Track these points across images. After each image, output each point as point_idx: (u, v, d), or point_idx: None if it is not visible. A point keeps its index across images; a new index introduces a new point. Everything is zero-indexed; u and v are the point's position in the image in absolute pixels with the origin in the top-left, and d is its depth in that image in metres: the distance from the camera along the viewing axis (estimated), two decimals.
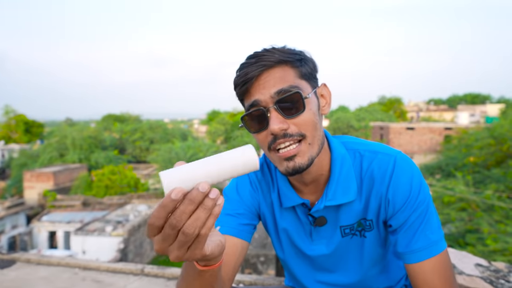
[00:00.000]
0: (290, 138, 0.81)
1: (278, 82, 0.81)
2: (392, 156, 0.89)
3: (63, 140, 27.11)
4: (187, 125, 64.41)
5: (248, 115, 0.84)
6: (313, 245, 0.97)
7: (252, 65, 0.82)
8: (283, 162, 0.83)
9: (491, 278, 1.37)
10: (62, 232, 16.24)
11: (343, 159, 0.91)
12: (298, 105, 0.81)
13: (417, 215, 0.85)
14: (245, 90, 0.84)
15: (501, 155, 14.23)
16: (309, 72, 0.87)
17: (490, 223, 10.40)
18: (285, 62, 0.83)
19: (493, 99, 59.08)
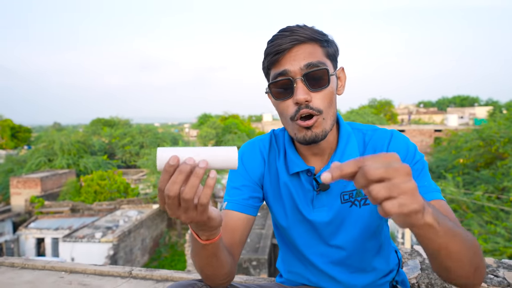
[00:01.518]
0: (311, 110, 0.89)
1: (308, 56, 0.89)
2: (390, 131, 1.01)
3: (50, 145, 26.68)
4: (177, 129, 64.12)
5: (275, 83, 0.92)
6: (314, 212, 1.01)
7: (286, 37, 0.89)
8: (303, 130, 0.91)
9: None
10: (50, 239, 15.94)
11: (349, 135, 1.01)
12: (323, 80, 0.90)
13: (415, 169, 0.92)
14: (276, 60, 0.91)
15: (490, 156, 14.46)
16: (333, 54, 0.95)
17: (480, 224, 10.52)
18: (315, 40, 0.91)
19: (482, 101, 60.18)
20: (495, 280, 1.33)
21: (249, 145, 1.11)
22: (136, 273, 1.83)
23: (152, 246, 18.03)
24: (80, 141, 27.74)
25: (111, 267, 1.89)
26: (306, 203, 1.02)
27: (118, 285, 1.75)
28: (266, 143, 1.09)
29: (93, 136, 32.70)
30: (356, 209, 0.99)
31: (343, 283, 1.06)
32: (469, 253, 0.71)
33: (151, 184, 19.54)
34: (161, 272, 1.83)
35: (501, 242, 9.31)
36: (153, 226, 18.30)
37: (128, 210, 18.50)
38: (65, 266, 1.93)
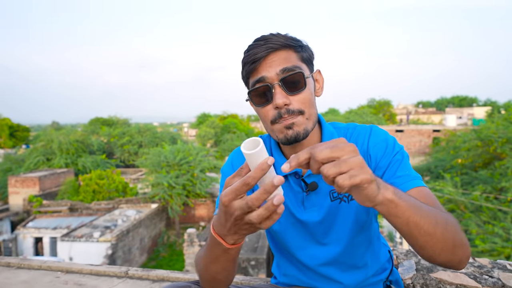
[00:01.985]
0: (291, 114, 0.93)
1: (283, 62, 0.93)
2: (369, 126, 1.05)
3: (49, 144, 26.60)
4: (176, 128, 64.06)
5: (254, 90, 0.95)
6: (305, 213, 1.03)
7: (260, 46, 0.93)
8: (284, 130, 0.94)
9: (475, 274, 1.38)
10: (48, 238, 15.90)
11: (332, 134, 1.05)
12: (300, 84, 0.94)
13: (396, 159, 0.96)
14: (253, 69, 0.94)
15: (488, 157, 14.47)
16: (308, 58, 0.99)
17: (478, 224, 10.53)
18: (289, 46, 0.95)
19: (480, 102, 60.25)
20: (490, 280, 1.33)
21: (239, 151, 1.13)
22: (133, 273, 1.83)
23: (151, 245, 18.01)
24: (79, 140, 27.67)
25: (107, 267, 1.89)
26: (297, 204, 1.04)
27: (114, 285, 1.75)
28: None
29: (92, 136, 32.65)
30: (345, 205, 1.01)
31: (337, 281, 1.07)
32: (441, 228, 0.74)
33: (149, 183, 19.51)
34: (157, 272, 1.83)
35: (499, 242, 9.32)
36: (152, 225, 18.28)
37: (126, 210, 18.47)
38: (61, 266, 1.93)
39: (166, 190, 18.25)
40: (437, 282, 1.34)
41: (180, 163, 19.47)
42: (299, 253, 1.08)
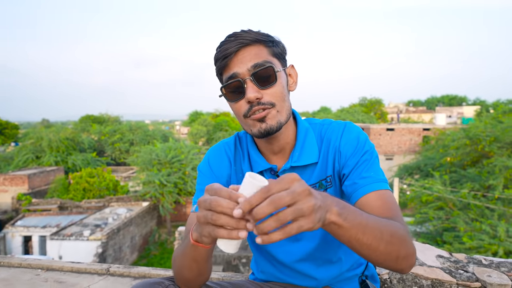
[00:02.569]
0: (262, 105, 0.94)
1: (254, 58, 0.94)
2: (343, 123, 1.06)
3: (39, 142, 26.28)
4: (168, 126, 63.75)
5: (227, 86, 0.96)
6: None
7: (231, 42, 0.94)
8: (257, 123, 0.95)
9: (451, 269, 1.40)
10: (38, 237, 15.73)
11: (307, 130, 1.06)
12: (271, 78, 0.94)
13: (363, 159, 0.98)
14: (225, 64, 0.95)
15: (476, 155, 14.64)
16: (279, 53, 0.99)
17: (466, 221, 10.68)
18: (260, 41, 0.96)
19: (469, 101, 61.00)
20: (464, 275, 1.36)
21: (216, 149, 1.14)
22: (114, 270, 1.82)
23: (142, 244, 17.93)
24: (69, 138, 27.38)
25: (88, 264, 1.88)
26: None
27: (95, 282, 1.74)
28: (231, 145, 1.13)
29: (82, 133, 32.33)
30: None
31: (312, 277, 1.08)
32: (384, 243, 0.77)
33: (140, 181, 19.40)
34: (139, 269, 1.83)
35: (486, 239, 9.45)
36: (143, 223, 18.19)
37: (117, 208, 18.35)
38: (42, 264, 1.91)
39: (158, 188, 18.17)
40: (413, 277, 1.36)
41: (172, 161, 19.38)
42: (275, 251, 1.09)
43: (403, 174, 17.53)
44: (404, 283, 1.37)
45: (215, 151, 1.13)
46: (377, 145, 27.35)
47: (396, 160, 24.78)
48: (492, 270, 1.39)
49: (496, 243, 9.29)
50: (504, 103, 30.90)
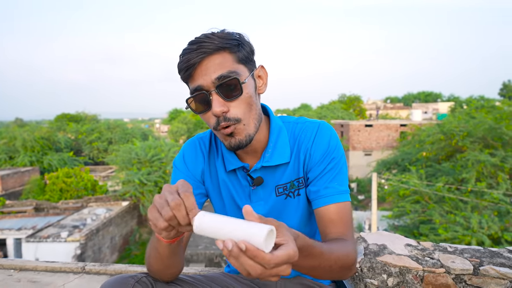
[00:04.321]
0: (228, 121, 0.93)
1: (218, 69, 0.91)
2: (317, 123, 1.06)
3: (12, 142, 25.39)
4: (148, 124, 62.80)
5: (193, 98, 0.95)
6: (252, 206, 1.04)
7: (193, 51, 0.91)
8: (227, 138, 0.96)
9: (418, 256, 1.46)
10: (12, 239, 15.24)
11: (280, 129, 1.05)
12: (236, 90, 0.92)
13: (330, 167, 1.00)
14: (188, 75, 0.93)
15: (450, 150, 15.08)
16: (246, 56, 0.96)
17: (441, 214, 11.02)
18: (224, 48, 0.92)
19: (444, 97, 62.78)
20: (430, 262, 1.42)
21: (190, 144, 1.15)
22: (90, 268, 1.81)
23: (122, 244, 17.64)
24: (44, 137, 26.57)
25: (63, 263, 1.86)
26: (244, 197, 1.07)
27: (70, 280, 1.72)
28: (206, 141, 1.14)
29: (58, 132, 31.43)
30: (291, 200, 1.05)
31: None
32: (328, 275, 0.88)
33: (120, 181, 19.06)
34: (115, 266, 1.82)
35: (460, 231, 9.79)
36: (123, 223, 17.90)
37: (96, 208, 17.98)
38: (15, 264, 1.87)
39: (138, 187, 17.90)
40: (382, 265, 1.42)
41: (152, 159, 19.13)
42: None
43: (381, 169, 17.90)
44: (374, 271, 1.43)
45: (190, 146, 1.14)
46: (356, 141, 27.82)
47: (374, 156, 25.29)
48: (456, 256, 1.46)
49: (469, 234, 9.63)
50: (476, 99, 31.98)
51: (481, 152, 12.63)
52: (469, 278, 1.36)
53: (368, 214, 18.18)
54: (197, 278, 1.09)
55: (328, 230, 0.97)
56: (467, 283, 1.36)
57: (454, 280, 1.37)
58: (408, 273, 1.40)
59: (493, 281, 1.33)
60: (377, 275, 1.42)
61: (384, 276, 1.42)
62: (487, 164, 11.77)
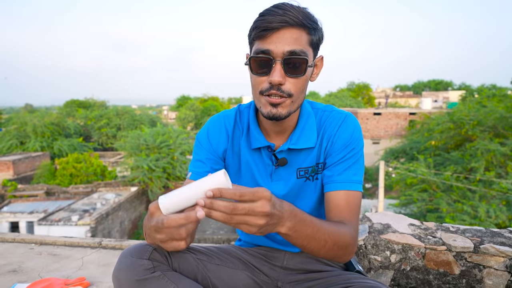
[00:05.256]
0: (281, 92, 0.95)
1: (292, 43, 0.92)
2: (344, 113, 1.09)
3: (22, 128, 25.77)
4: (156, 111, 63.07)
5: (255, 57, 0.96)
6: (272, 184, 1.10)
7: (277, 16, 0.91)
8: (268, 106, 0.97)
9: (420, 235, 1.52)
10: (25, 222, 15.64)
11: (309, 114, 1.09)
12: (300, 69, 0.95)
13: (348, 157, 1.04)
14: (262, 36, 0.93)
15: (459, 139, 14.97)
16: (316, 42, 0.99)
17: (448, 203, 11.00)
18: (304, 26, 0.94)
19: (455, 86, 61.77)
20: (432, 240, 1.48)
21: (215, 120, 1.17)
22: (106, 244, 1.90)
23: (131, 228, 17.99)
24: (54, 123, 26.91)
25: (81, 238, 1.95)
26: (266, 176, 1.11)
27: (88, 254, 1.81)
28: (231, 120, 1.16)
29: (68, 118, 31.78)
30: (309, 183, 1.10)
31: (290, 244, 1.17)
32: (325, 250, 0.91)
33: (128, 166, 19.31)
34: (130, 242, 1.91)
35: (467, 220, 9.78)
36: (132, 208, 18.22)
37: (105, 193, 18.29)
38: (35, 238, 1.97)
39: (146, 173, 18.14)
40: (386, 242, 1.48)
41: (160, 146, 19.31)
42: None
43: (389, 158, 17.86)
44: (378, 247, 1.49)
45: (214, 123, 1.16)
46: (365, 129, 27.68)
47: (382, 144, 25.18)
48: (458, 235, 1.51)
49: (476, 223, 9.62)
50: (488, 88, 31.45)
51: (491, 141, 12.52)
52: (469, 255, 1.41)
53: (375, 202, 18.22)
54: (209, 248, 1.16)
55: (332, 214, 1.00)
56: (467, 260, 1.41)
57: (454, 257, 1.42)
58: (411, 250, 1.46)
59: (493, 258, 1.39)
60: (380, 251, 1.48)
61: (387, 253, 1.48)
62: (497, 154, 11.68)
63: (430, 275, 1.45)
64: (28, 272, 1.69)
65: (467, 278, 1.42)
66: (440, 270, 1.44)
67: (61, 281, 1.58)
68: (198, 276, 1.07)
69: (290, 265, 1.17)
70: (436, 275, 1.44)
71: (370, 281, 1.00)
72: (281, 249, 1.20)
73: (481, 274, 1.40)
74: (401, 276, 1.48)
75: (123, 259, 0.97)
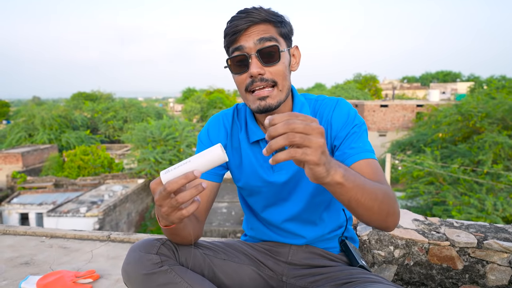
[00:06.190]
0: (265, 82, 1.01)
1: (261, 34, 1.00)
2: (336, 99, 1.13)
3: (31, 120, 26.05)
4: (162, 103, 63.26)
5: (232, 58, 1.02)
6: (274, 174, 1.14)
7: (242, 19, 1.00)
8: (256, 101, 1.02)
9: (424, 230, 1.53)
10: (34, 214, 15.91)
11: (302, 104, 1.13)
12: (275, 56, 1.00)
13: (353, 132, 1.06)
14: (233, 39, 1.01)
15: (467, 131, 14.83)
16: (286, 33, 1.05)
17: (455, 196, 10.94)
18: (269, 21, 1.01)
19: (464, 77, 60.96)
20: (436, 235, 1.49)
21: (215, 119, 1.23)
22: (115, 237, 1.94)
23: (138, 220, 18.21)
24: (62, 115, 27.15)
25: (90, 232, 2.00)
26: (267, 167, 1.14)
27: (97, 247, 1.86)
28: (229, 117, 1.22)
29: (75, 111, 32.03)
30: None
31: (298, 235, 1.19)
32: (378, 202, 0.86)
33: (135, 159, 19.47)
34: (138, 236, 1.95)
35: (474, 213, 9.73)
36: (139, 200, 18.41)
37: (112, 185, 18.49)
38: (46, 232, 2.02)
39: (153, 166, 18.28)
40: (389, 238, 1.50)
41: (166, 138, 19.41)
42: (264, 212, 1.20)
43: (396, 150, 17.76)
44: (382, 242, 1.51)
45: (214, 121, 1.22)
46: (371, 122, 27.52)
47: (389, 136, 25.03)
48: (462, 231, 1.52)
49: (483, 216, 9.57)
50: (497, 79, 31.00)
51: (499, 134, 12.39)
52: (472, 251, 1.42)
53: None
54: (215, 243, 1.19)
55: None
56: (471, 256, 1.43)
57: (458, 252, 1.44)
58: (414, 245, 1.47)
59: (496, 254, 1.40)
60: (384, 246, 1.50)
61: (391, 248, 1.50)
62: (505, 146, 11.56)
63: (433, 270, 1.47)
64: (40, 265, 1.74)
65: (470, 273, 1.43)
66: (443, 265, 1.45)
67: (71, 273, 1.63)
68: (205, 270, 1.10)
69: (295, 260, 1.20)
70: (439, 270, 1.46)
71: (373, 276, 1.02)
72: (286, 244, 1.23)
73: (484, 270, 1.42)
74: (405, 271, 1.50)
75: (132, 254, 1.01)
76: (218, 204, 16.88)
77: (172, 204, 0.81)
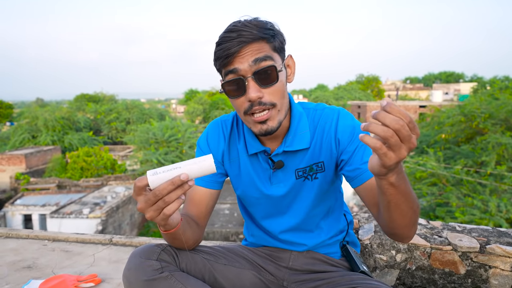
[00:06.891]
0: (263, 106, 0.97)
1: (255, 53, 0.94)
2: (336, 109, 1.10)
3: (34, 122, 26.19)
4: (164, 105, 63.40)
5: (228, 82, 0.98)
6: (272, 187, 1.13)
7: (233, 39, 0.94)
8: (257, 125, 1.00)
9: (426, 234, 1.53)
10: (38, 215, 15.96)
11: (300, 115, 1.10)
12: (272, 77, 0.96)
13: (361, 144, 1.03)
14: (226, 63, 0.96)
15: (470, 132, 14.77)
16: (279, 47, 1.00)
17: (458, 197, 10.89)
18: (261, 38, 0.95)
19: (467, 78, 60.76)
20: (438, 240, 1.48)
21: (214, 125, 1.21)
22: (117, 240, 1.94)
23: (141, 221, 18.24)
24: (65, 117, 27.28)
25: (92, 235, 2.00)
26: (265, 179, 1.14)
27: (99, 251, 1.86)
28: (228, 124, 1.20)
29: (78, 112, 32.17)
30: (308, 182, 1.12)
31: (297, 243, 1.19)
32: (412, 212, 0.86)
33: (138, 160, 19.52)
34: (140, 239, 1.95)
35: (477, 214, 9.68)
36: None
37: (115, 186, 18.53)
38: (48, 235, 2.03)
39: (155, 167, 18.32)
40: (391, 242, 1.49)
41: (169, 140, 19.47)
42: (263, 222, 1.20)
43: None
44: (383, 247, 1.50)
45: (213, 128, 1.20)
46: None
47: None
48: (464, 235, 1.51)
49: (487, 217, 9.52)
50: (500, 79, 30.88)
51: (502, 135, 12.34)
52: (475, 255, 1.42)
53: None
54: (215, 248, 1.19)
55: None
56: (473, 260, 1.42)
57: (460, 257, 1.43)
58: (416, 249, 1.47)
59: (499, 259, 1.39)
60: (386, 251, 1.49)
61: (393, 252, 1.49)
62: (509, 147, 11.52)
63: (436, 274, 1.46)
64: (42, 268, 1.75)
65: (473, 278, 1.42)
66: (445, 270, 1.45)
67: (73, 277, 1.63)
68: (205, 276, 1.10)
69: (296, 266, 1.19)
70: (441, 274, 1.45)
71: (374, 281, 1.01)
72: (287, 249, 1.22)
73: (486, 274, 1.41)
74: (407, 275, 1.49)
75: (133, 260, 1.01)
76: (220, 205, 16.89)
77: (159, 207, 0.81)
